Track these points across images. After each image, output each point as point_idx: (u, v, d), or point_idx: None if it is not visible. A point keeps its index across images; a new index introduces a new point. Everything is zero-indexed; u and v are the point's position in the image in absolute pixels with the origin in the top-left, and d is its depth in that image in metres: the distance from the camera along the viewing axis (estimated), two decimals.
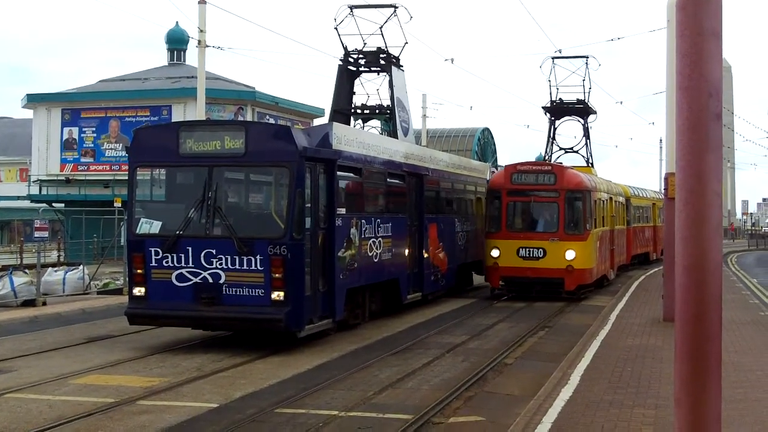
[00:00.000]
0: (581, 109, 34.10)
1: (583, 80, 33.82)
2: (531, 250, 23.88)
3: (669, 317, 16.83)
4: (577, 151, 34.17)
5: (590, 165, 33.00)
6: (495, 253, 24.22)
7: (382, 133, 25.71)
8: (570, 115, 34.47)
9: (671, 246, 16.07)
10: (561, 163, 30.87)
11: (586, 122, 34.30)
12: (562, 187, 24.02)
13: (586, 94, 33.99)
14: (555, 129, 34.29)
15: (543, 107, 34.19)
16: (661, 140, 68.15)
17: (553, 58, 34.10)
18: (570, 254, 23.57)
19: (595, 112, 34.65)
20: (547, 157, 33.79)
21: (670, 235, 16.81)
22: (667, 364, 12.49)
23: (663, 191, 19.87)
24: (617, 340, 15.51)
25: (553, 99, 34.12)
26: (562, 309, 22.21)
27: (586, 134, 34.34)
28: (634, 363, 13.03)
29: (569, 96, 34.18)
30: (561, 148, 34.50)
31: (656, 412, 9.71)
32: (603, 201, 27.64)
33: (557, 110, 34.27)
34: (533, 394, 10.97)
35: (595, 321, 18.47)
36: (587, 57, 34.04)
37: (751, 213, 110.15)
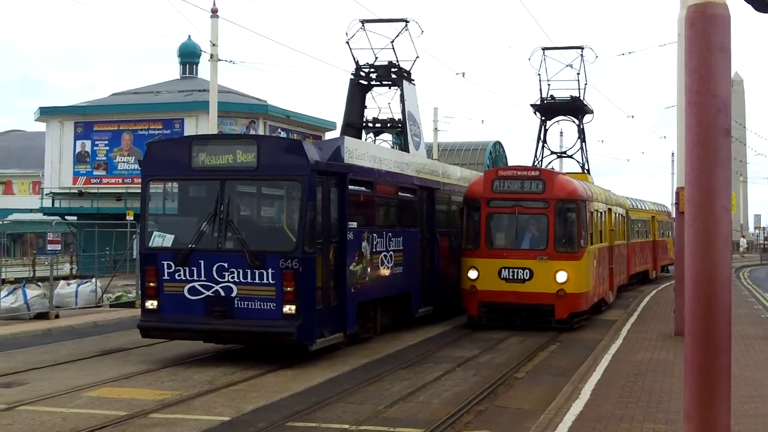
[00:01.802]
0: (575, 108, 30.05)
1: (578, 74, 29.72)
2: (515, 270, 20.31)
3: (680, 331, 16.80)
4: (571, 156, 30.65)
5: (586, 171, 29.44)
6: (473, 274, 20.63)
7: (393, 147, 25.76)
8: (563, 115, 30.67)
9: (682, 260, 16.03)
10: (552, 168, 27.99)
11: (581, 122, 30.39)
12: (552, 196, 20.44)
13: (581, 91, 29.78)
14: (546, 130, 30.32)
15: (532, 105, 30.07)
16: (673, 154, 67.95)
17: (543, 49, 29.95)
18: (561, 276, 20.03)
19: (591, 111, 30.66)
20: (537, 163, 29.87)
21: (681, 249, 16.80)
22: (678, 378, 12.47)
23: (674, 205, 19.90)
24: (628, 354, 15.49)
25: (544, 96, 30.01)
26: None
27: (582, 136, 30.35)
28: (645, 377, 13.01)
29: (563, 93, 30.27)
30: (553, 152, 31.24)
31: (666, 427, 9.70)
32: (601, 213, 24.17)
33: (548, 109, 30.21)
34: (544, 409, 10.97)
35: (606, 335, 18.45)
36: (582, 48, 29.77)
37: (763, 227, 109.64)
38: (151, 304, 15.37)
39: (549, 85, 29.87)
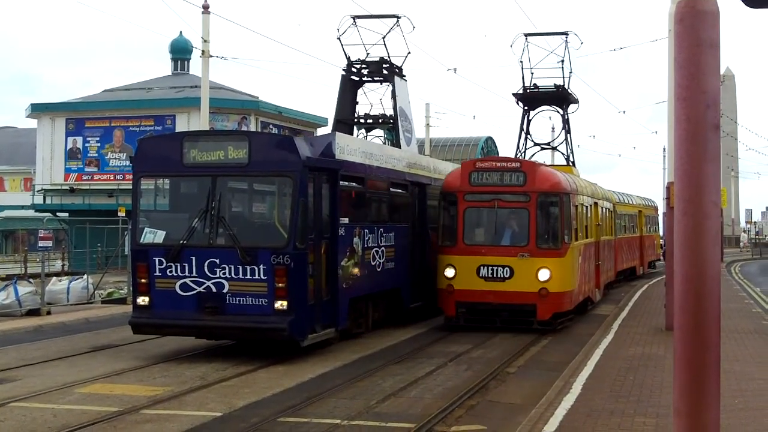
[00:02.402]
0: (560, 97, 28.49)
1: (562, 61, 28.10)
2: (494, 269, 19.11)
3: (671, 326, 16.80)
4: (555, 148, 29.67)
5: (571, 164, 27.80)
6: (449, 272, 19.41)
7: (385, 143, 25.78)
8: (547, 104, 29.08)
9: (672, 255, 16.05)
10: (536, 160, 26.23)
11: (565, 112, 28.79)
12: (534, 188, 19.23)
13: (566, 79, 28.25)
14: (529, 121, 28.75)
15: (514, 94, 28.47)
16: (664, 149, 68.11)
17: (526, 35, 28.33)
18: (544, 274, 18.88)
19: (576, 101, 29.09)
20: (519, 155, 28.39)
21: (671, 244, 16.84)
22: (668, 373, 12.51)
23: (665, 200, 19.95)
24: (619, 349, 15.55)
25: (527, 85, 28.48)
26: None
27: (566, 127, 28.74)
28: (636, 372, 13.06)
29: (547, 82, 28.74)
30: (536, 144, 29.36)
31: (657, 421, 9.75)
32: (586, 207, 22.98)
33: (531, 98, 28.67)
34: (535, 403, 11.00)
35: (598, 330, 18.51)
36: (566, 34, 28.20)
37: (754, 222, 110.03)
38: (142, 300, 15.36)
39: (532, 73, 28.47)
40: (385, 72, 24.31)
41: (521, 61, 28.08)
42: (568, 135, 28.71)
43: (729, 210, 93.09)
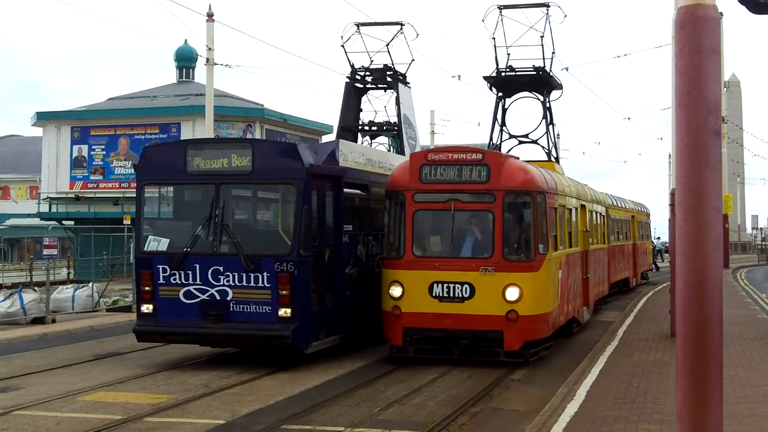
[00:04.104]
0: (540, 81, 23.70)
1: (542, 37, 23.20)
2: (451, 286, 15.39)
3: (676, 332, 16.81)
4: (536, 141, 24.22)
5: (554, 159, 23.44)
6: (396, 291, 15.67)
7: (389, 150, 25.80)
8: (525, 90, 24.28)
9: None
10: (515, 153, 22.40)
11: (547, 99, 24.00)
12: (500, 186, 15.49)
13: (548, 60, 23.51)
14: (505, 109, 24.06)
15: (486, 78, 23.75)
16: (669, 156, 68.04)
17: (500, 7, 23.37)
18: (512, 293, 15.16)
19: (559, 86, 24.58)
20: (493, 149, 22.41)
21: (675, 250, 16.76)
22: (673, 379, 12.43)
23: (670, 207, 19.88)
24: (624, 355, 15.51)
25: (501, 67, 23.68)
26: None
27: (548, 117, 23.94)
28: (640, 378, 13.03)
29: (525, 63, 23.85)
30: (513, 136, 24.35)
31: (661, 428, 9.72)
32: (570, 210, 19.27)
33: (507, 82, 23.88)
34: (539, 410, 10.98)
35: (602, 336, 18.46)
36: (547, 5, 23.28)
37: (761, 228, 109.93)
38: (146, 308, 15.37)
39: (508, 54, 23.63)
40: (389, 79, 24.35)
41: (494, 38, 23.39)
42: (551, 126, 24.06)
43: (735, 216, 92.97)
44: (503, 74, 23.72)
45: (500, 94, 24.01)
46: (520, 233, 15.91)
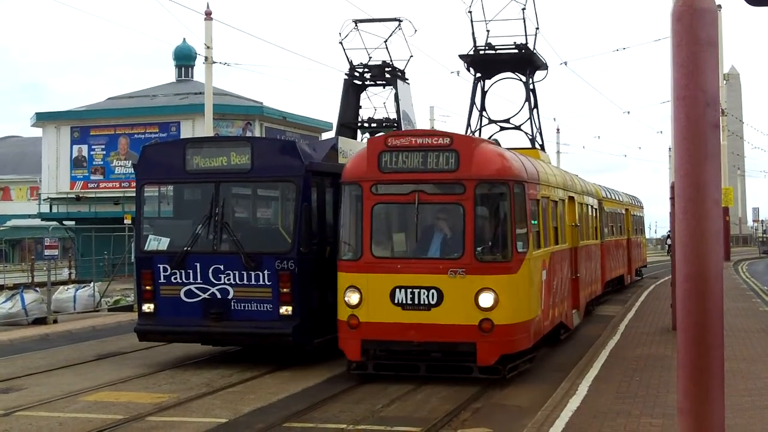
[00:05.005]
0: (522, 60, 21.32)
1: (524, 10, 20.96)
2: (416, 292, 13.28)
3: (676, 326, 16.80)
4: (518, 127, 21.62)
5: (539, 147, 21.16)
6: (352, 298, 13.61)
7: None
8: (506, 71, 21.88)
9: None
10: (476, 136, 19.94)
11: (530, 80, 21.66)
12: (472, 174, 13.34)
13: (531, 37, 21.19)
14: (485, 92, 21.74)
15: (462, 56, 21.47)
16: (669, 149, 68.02)
17: None
18: (486, 299, 13.11)
19: (544, 66, 22.20)
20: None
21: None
22: (675, 373, 12.42)
23: (670, 200, 19.85)
24: (626, 349, 15.50)
25: (479, 45, 21.28)
26: None
27: (532, 100, 21.52)
28: (642, 372, 13.02)
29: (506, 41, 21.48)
30: (492, 121, 21.83)
31: (663, 421, 9.71)
32: (556, 202, 17.01)
33: (486, 62, 21.47)
34: (541, 405, 10.97)
35: (604, 331, 18.46)
36: None
37: (762, 220, 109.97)
38: (147, 307, 15.37)
39: (488, 30, 21.27)
40: (387, 76, 24.30)
41: (470, 12, 21.06)
42: (534, 110, 21.71)
43: (736, 209, 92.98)
44: (481, 52, 21.39)
45: (478, 74, 21.77)
46: (496, 229, 13.88)
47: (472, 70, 21.72)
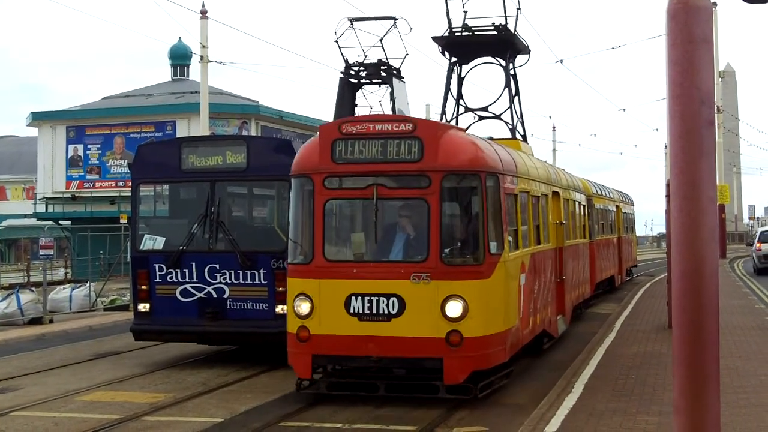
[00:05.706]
0: (502, 43, 18.52)
1: None
2: (374, 300, 11.58)
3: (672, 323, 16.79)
4: (498, 116, 19.17)
5: (520, 137, 18.57)
6: (302, 307, 11.89)
7: None
8: (485, 55, 19.23)
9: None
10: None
11: (511, 65, 19.09)
12: (438, 165, 11.67)
13: (512, 19, 18.56)
14: (461, 78, 19.34)
15: (435, 38, 18.94)
16: (665, 147, 68.00)
17: None
18: (454, 308, 11.42)
19: (526, 50, 19.48)
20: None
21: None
22: (671, 370, 12.40)
23: (666, 197, 19.84)
24: (622, 347, 15.50)
25: (455, 27, 18.65)
26: None
27: (512, 86, 18.97)
28: (638, 370, 13.02)
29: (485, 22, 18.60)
30: (469, 110, 19.45)
31: (659, 419, 9.72)
32: (538, 197, 15.37)
33: (462, 44, 18.79)
34: (537, 403, 10.98)
35: (600, 329, 18.47)
36: None
37: (757, 217, 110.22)
38: (143, 307, 15.35)
39: (465, 11, 18.91)
40: (383, 74, 24.27)
41: None
42: (516, 97, 19.36)
43: (732, 206, 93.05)
44: (457, 34, 18.84)
45: (454, 59, 19.35)
46: (465, 228, 12.30)
47: (447, 54, 19.29)
